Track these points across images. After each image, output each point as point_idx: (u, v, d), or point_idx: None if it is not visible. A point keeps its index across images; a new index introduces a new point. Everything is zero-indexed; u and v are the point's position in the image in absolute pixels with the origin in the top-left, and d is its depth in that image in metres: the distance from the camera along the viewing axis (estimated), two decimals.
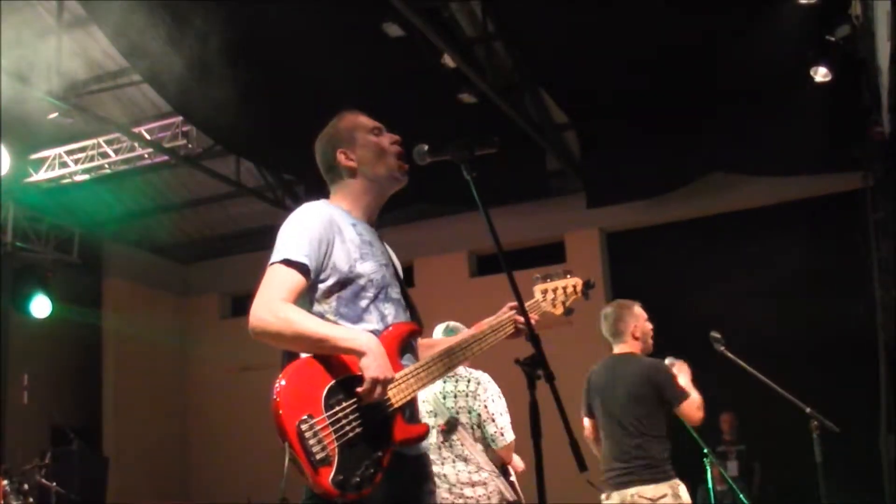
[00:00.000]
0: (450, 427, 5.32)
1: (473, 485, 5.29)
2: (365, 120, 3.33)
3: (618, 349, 5.89)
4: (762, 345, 8.24)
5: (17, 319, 11.73)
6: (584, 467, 2.80)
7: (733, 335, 6.10)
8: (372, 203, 3.29)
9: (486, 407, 5.35)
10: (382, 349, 2.94)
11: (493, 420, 5.35)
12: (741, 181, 10.93)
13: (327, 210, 3.15)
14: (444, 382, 5.39)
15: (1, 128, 9.68)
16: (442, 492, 5.27)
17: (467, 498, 5.29)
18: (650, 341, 5.90)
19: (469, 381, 5.40)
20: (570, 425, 3.12)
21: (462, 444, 5.34)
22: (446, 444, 5.35)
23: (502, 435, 5.36)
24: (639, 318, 5.88)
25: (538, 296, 3.57)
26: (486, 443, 5.39)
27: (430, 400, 5.38)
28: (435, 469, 4.78)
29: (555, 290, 3.58)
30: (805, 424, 5.61)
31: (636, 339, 5.84)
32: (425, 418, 5.18)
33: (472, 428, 5.35)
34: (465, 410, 5.35)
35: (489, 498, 5.30)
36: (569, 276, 3.62)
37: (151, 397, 13.39)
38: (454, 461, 5.34)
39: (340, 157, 3.26)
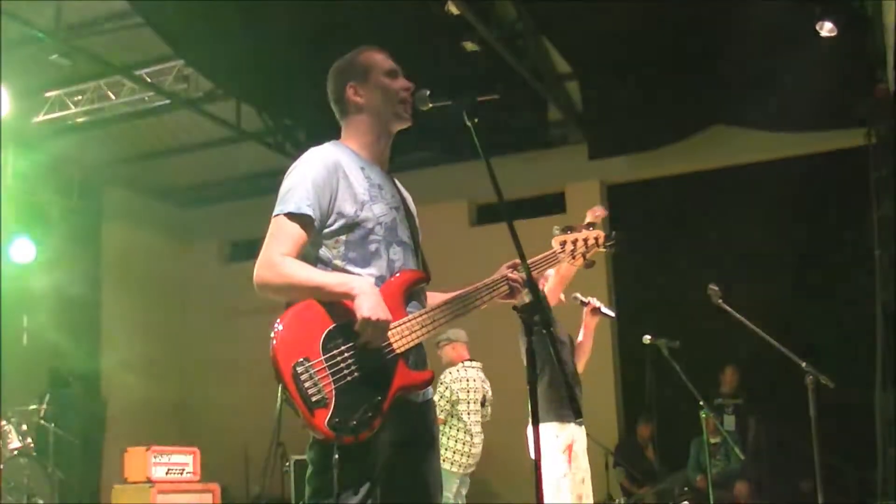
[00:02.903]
0: (483, 400, 8.04)
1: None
2: (382, 60, 3.29)
3: None
4: (760, 298, 8.27)
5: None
6: (579, 415, 2.82)
7: (731, 288, 6.13)
8: (379, 142, 3.27)
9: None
10: (377, 291, 2.93)
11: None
12: (743, 135, 10.86)
13: (334, 153, 3.14)
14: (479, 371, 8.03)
15: (1, 69, 9.61)
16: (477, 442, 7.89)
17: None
18: None
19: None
20: (567, 374, 3.14)
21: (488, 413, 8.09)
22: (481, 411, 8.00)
23: None
24: None
25: (556, 247, 3.44)
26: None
27: (477, 379, 7.97)
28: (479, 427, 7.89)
29: (574, 242, 3.44)
30: (801, 379, 5.65)
31: None
32: (479, 392, 7.91)
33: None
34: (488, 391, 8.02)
35: None
36: (591, 228, 3.47)
37: (151, 341, 13.42)
38: (482, 425, 7.99)
39: (349, 92, 3.25)
